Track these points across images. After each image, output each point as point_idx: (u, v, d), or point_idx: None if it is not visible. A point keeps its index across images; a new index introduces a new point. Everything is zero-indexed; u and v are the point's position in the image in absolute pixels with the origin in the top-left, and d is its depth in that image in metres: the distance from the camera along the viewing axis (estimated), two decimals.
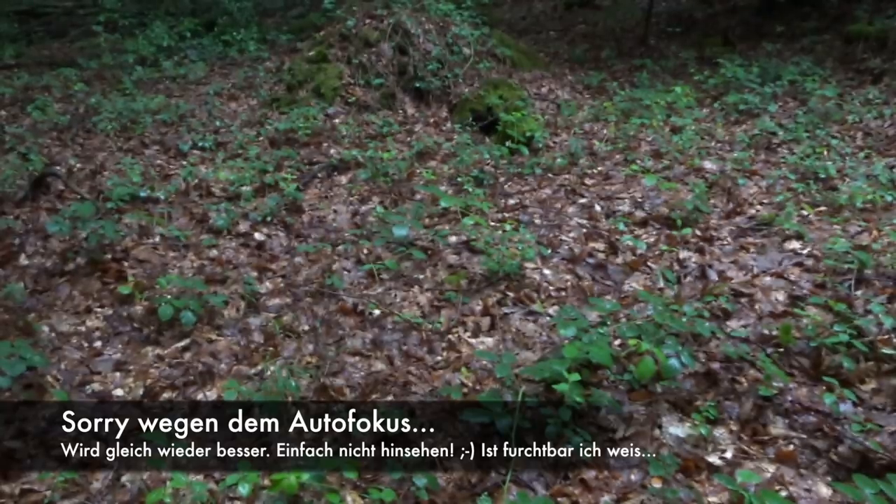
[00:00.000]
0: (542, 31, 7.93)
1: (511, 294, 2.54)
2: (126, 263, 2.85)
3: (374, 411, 1.92)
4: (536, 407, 1.83)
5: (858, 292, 2.36)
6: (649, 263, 2.74)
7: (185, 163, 3.95)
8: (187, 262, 2.88)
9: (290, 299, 2.60)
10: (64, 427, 1.92)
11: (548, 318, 2.38)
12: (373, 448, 1.81)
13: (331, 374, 2.11)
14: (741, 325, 2.26)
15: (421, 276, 2.71)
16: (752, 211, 3.12)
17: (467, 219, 2.97)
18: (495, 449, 1.77)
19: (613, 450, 1.76)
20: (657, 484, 1.64)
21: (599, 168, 3.85)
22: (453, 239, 3.00)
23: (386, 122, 4.55)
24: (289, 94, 5.00)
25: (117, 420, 1.97)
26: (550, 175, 3.79)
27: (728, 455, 1.72)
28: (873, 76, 4.99)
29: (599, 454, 1.74)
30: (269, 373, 2.14)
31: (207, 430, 1.92)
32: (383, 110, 4.79)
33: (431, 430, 1.86)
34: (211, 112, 4.82)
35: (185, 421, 1.96)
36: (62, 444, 1.87)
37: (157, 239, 3.06)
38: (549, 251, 2.86)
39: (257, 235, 3.12)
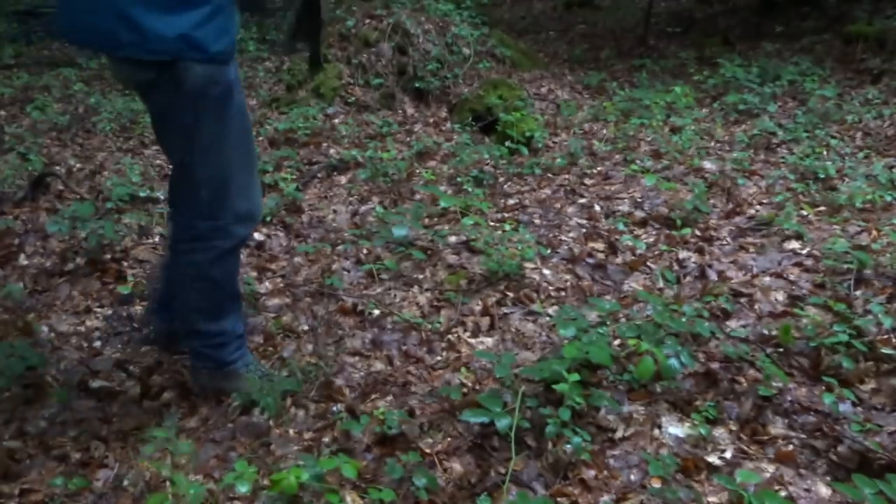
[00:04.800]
0: (541, 31, 7.93)
1: (511, 294, 2.54)
2: (125, 263, 2.86)
3: (374, 411, 1.93)
4: (536, 407, 1.83)
5: (858, 292, 2.36)
6: (649, 263, 2.74)
7: None
8: None
9: (289, 299, 2.60)
10: (64, 427, 1.93)
11: (547, 318, 2.38)
12: (373, 448, 1.82)
13: (330, 374, 2.11)
14: (741, 325, 2.27)
15: (420, 277, 2.71)
16: (752, 211, 3.12)
17: (467, 219, 2.97)
18: (495, 449, 1.77)
19: (613, 450, 1.76)
20: (657, 484, 1.64)
21: (599, 168, 3.85)
22: (453, 239, 3.00)
23: (385, 122, 4.55)
24: (288, 94, 5.01)
25: (118, 420, 1.97)
26: (550, 175, 3.80)
27: (727, 455, 1.72)
28: (872, 76, 5.00)
29: (599, 454, 1.74)
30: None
31: (207, 429, 1.92)
32: (383, 110, 4.80)
33: (431, 430, 1.86)
34: None
35: (185, 420, 1.97)
36: (62, 445, 1.87)
37: (157, 239, 3.06)
38: (549, 251, 2.86)
39: (257, 235, 3.12)
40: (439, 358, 2.22)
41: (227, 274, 1.85)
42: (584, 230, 3.07)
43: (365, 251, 2.92)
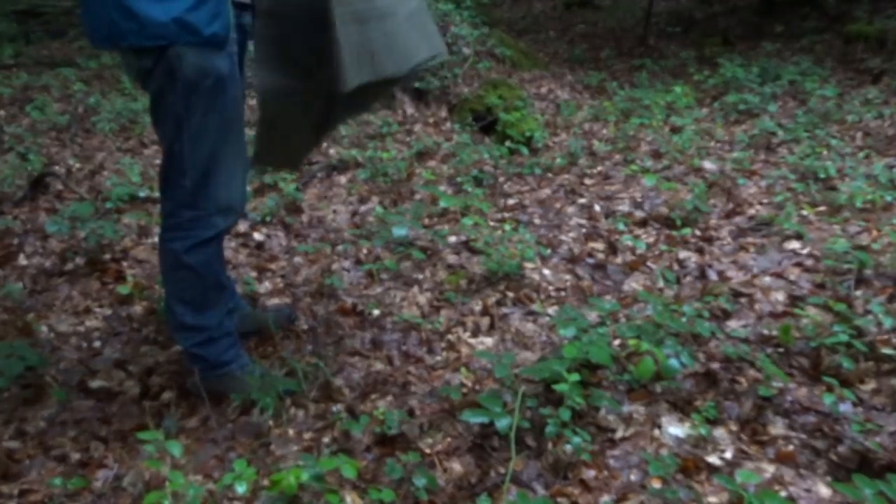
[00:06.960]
0: (541, 31, 7.93)
1: (510, 294, 2.54)
2: (125, 263, 2.85)
3: (374, 411, 1.92)
4: (536, 407, 1.83)
5: (858, 292, 2.36)
6: (649, 263, 2.74)
7: None
8: None
9: (289, 299, 2.60)
10: (63, 427, 1.93)
11: (547, 318, 2.38)
12: (373, 448, 1.81)
13: (330, 374, 2.11)
14: (741, 325, 2.26)
15: (420, 277, 2.71)
16: (752, 211, 3.12)
17: (467, 219, 2.96)
18: (495, 449, 1.77)
19: (613, 450, 1.76)
20: (657, 484, 1.63)
21: (599, 168, 3.85)
22: (453, 239, 3.00)
23: (385, 122, 4.54)
24: None
25: (117, 420, 1.97)
26: (550, 175, 3.79)
27: (728, 455, 1.72)
28: (873, 76, 5.00)
29: (599, 454, 1.74)
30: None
31: (206, 429, 1.92)
32: (382, 110, 4.79)
33: (431, 430, 1.86)
34: None
35: (185, 421, 1.97)
36: (62, 445, 1.87)
37: (156, 239, 3.05)
38: (549, 251, 2.85)
39: (256, 235, 3.12)
40: (439, 358, 2.22)
41: (206, 264, 1.86)
42: (584, 230, 3.06)
43: (365, 251, 2.92)
